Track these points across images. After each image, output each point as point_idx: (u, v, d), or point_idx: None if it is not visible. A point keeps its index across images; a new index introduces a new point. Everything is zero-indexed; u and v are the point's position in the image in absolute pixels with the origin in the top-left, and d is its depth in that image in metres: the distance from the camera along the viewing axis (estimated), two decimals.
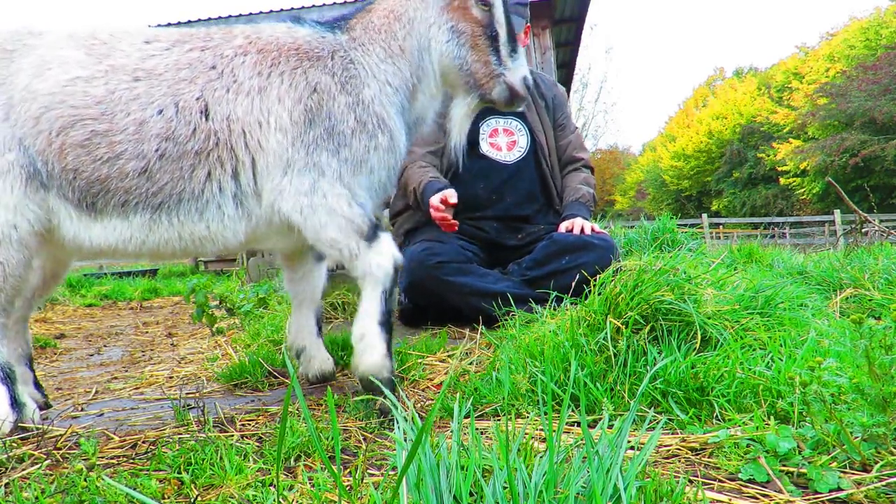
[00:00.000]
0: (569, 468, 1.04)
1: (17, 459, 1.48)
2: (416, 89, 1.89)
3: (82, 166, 1.72)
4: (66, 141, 1.71)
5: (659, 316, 1.81)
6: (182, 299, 6.41)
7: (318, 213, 1.71)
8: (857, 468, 1.21)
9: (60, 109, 1.71)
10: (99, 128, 1.70)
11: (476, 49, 1.87)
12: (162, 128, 1.70)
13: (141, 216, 1.75)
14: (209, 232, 1.78)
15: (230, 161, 1.73)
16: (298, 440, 1.42)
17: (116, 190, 1.73)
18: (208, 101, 1.72)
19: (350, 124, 1.74)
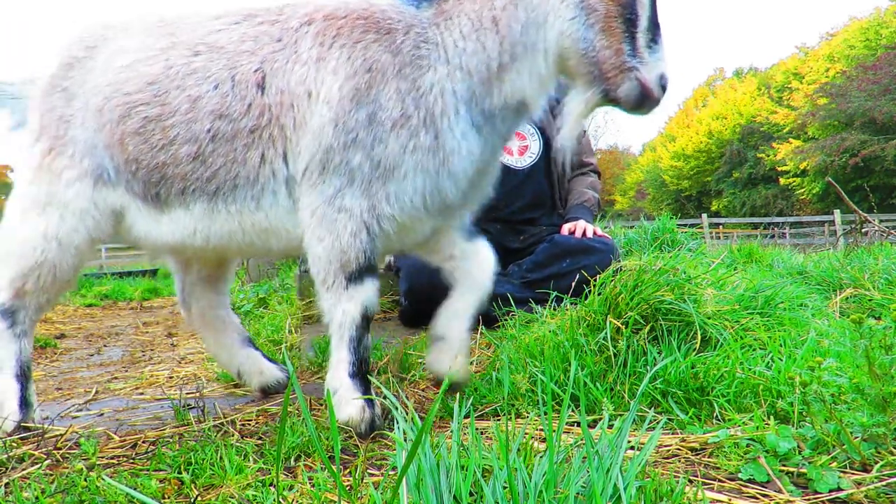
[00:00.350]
0: (569, 468, 1.04)
1: (17, 459, 1.48)
2: (503, 69, 1.57)
3: (142, 155, 1.66)
4: (125, 130, 1.66)
5: (659, 316, 1.81)
6: None
7: (322, 224, 1.58)
8: (857, 468, 1.21)
9: (117, 98, 1.68)
10: (152, 112, 1.64)
11: (608, 33, 1.53)
12: (216, 104, 1.60)
13: (201, 205, 1.67)
14: (269, 223, 1.66)
15: (280, 139, 1.60)
16: (298, 440, 1.42)
17: (174, 177, 1.66)
18: (266, 73, 1.60)
19: (393, 115, 1.54)
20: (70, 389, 2.47)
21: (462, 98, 1.57)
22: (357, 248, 1.57)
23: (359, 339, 1.60)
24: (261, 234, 1.67)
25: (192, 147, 1.62)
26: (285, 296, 3.97)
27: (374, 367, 2.22)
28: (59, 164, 1.74)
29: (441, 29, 1.60)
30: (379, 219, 1.57)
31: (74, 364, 3.15)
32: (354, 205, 1.56)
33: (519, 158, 3.30)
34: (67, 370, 2.97)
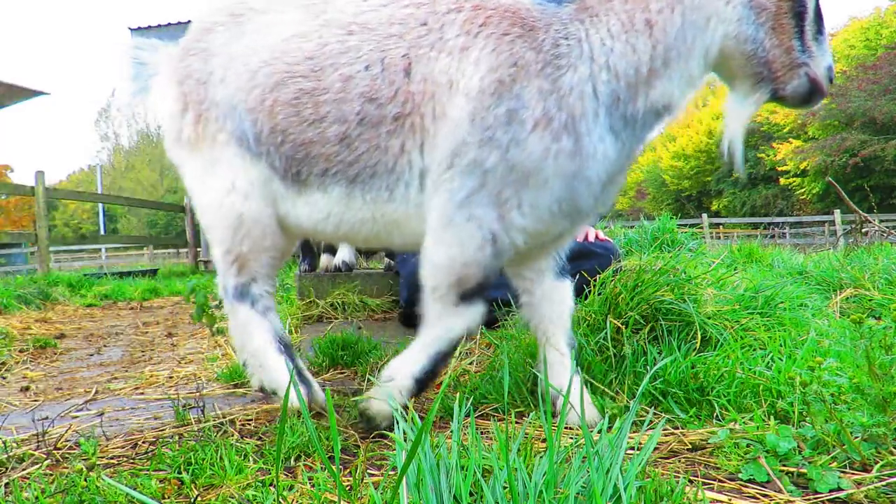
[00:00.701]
0: (569, 468, 1.04)
1: (17, 459, 1.48)
2: (653, 74, 1.49)
3: (290, 127, 1.61)
4: (279, 98, 1.62)
5: (659, 316, 1.81)
6: (182, 299, 6.42)
7: (449, 231, 1.47)
8: (857, 468, 1.21)
9: (276, 65, 1.64)
10: (307, 85, 1.60)
11: (778, 31, 1.47)
12: (366, 86, 1.55)
13: (339, 189, 1.61)
14: (399, 216, 1.59)
15: (420, 130, 1.53)
16: (298, 440, 1.42)
17: (319, 157, 1.61)
18: (412, 60, 1.54)
19: (535, 115, 1.44)
20: (70, 389, 2.47)
21: (603, 101, 1.48)
22: (480, 263, 1.48)
23: (445, 356, 1.53)
24: (388, 225, 1.62)
25: (340, 127, 1.57)
26: (285, 296, 3.98)
27: (374, 367, 2.22)
28: (210, 129, 1.71)
29: (585, 25, 1.50)
30: (508, 230, 1.47)
31: (74, 364, 3.15)
32: (484, 213, 1.46)
33: None
34: (67, 370, 2.97)
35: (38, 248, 8.61)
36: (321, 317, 3.44)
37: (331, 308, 3.48)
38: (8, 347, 3.39)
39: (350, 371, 2.34)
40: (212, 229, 1.76)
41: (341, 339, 2.44)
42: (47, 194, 9.14)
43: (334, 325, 3.19)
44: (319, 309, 3.46)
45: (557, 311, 1.71)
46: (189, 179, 1.81)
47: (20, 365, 3.10)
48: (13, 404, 2.23)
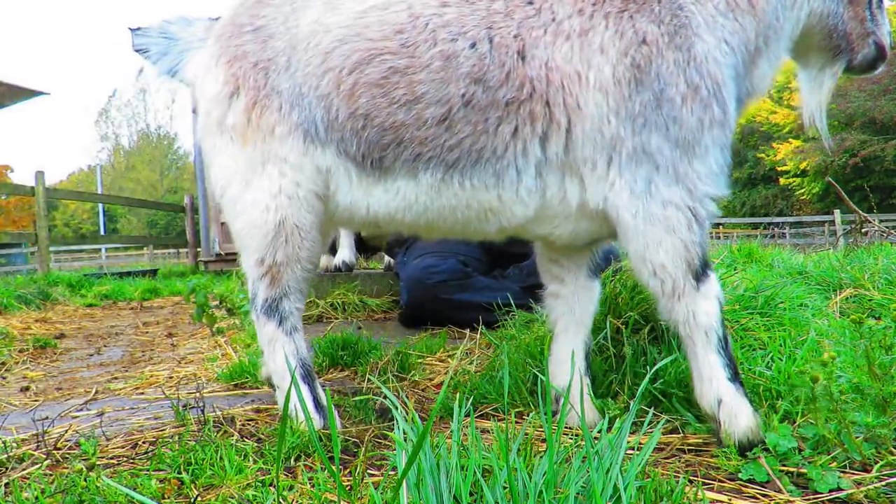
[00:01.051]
0: (569, 468, 1.04)
1: (17, 459, 1.48)
2: (758, 54, 1.48)
3: (375, 110, 1.47)
4: (360, 80, 1.47)
5: (659, 316, 1.81)
6: (182, 299, 6.41)
7: (655, 227, 1.39)
8: (857, 468, 1.21)
9: (356, 42, 1.48)
10: (398, 63, 1.46)
11: (854, 3, 1.52)
12: (473, 66, 1.42)
13: (432, 175, 1.49)
14: (499, 203, 1.49)
15: (543, 119, 1.41)
16: (298, 440, 1.42)
17: (410, 141, 1.47)
18: (525, 42, 1.41)
19: (680, 89, 1.37)
20: (70, 389, 2.47)
21: (730, 74, 1.43)
22: (693, 241, 1.40)
23: (725, 336, 1.41)
24: (484, 213, 1.52)
25: (440, 109, 1.44)
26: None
27: (374, 368, 2.22)
28: (268, 120, 1.55)
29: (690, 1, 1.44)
30: (702, 201, 1.40)
31: (74, 364, 3.15)
32: (674, 193, 1.39)
33: None
34: (67, 370, 2.97)
35: (38, 248, 8.61)
36: (321, 317, 3.44)
37: (331, 308, 3.49)
38: (8, 347, 3.39)
39: (350, 371, 2.34)
40: (245, 234, 1.61)
41: (341, 339, 2.44)
42: (47, 194, 9.15)
43: (334, 325, 3.19)
44: (319, 309, 3.47)
45: (585, 308, 1.69)
46: (222, 173, 1.63)
47: (20, 365, 3.10)
48: (13, 404, 2.23)
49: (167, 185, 42.99)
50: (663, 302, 1.43)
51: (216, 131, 1.63)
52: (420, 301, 2.96)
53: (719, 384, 1.38)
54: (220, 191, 1.65)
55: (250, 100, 1.56)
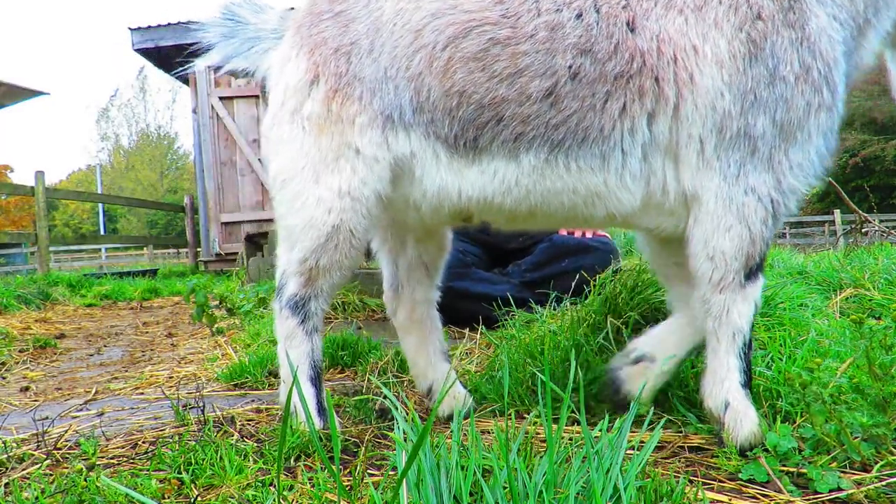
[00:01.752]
0: (569, 468, 1.04)
1: (17, 459, 1.48)
2: (866, 27, 1.41)
3: (473, 86, 1.39)
4: (456, 55, 1.39)
5: (659, 316, 1.81)
6: (182, 299, 6.42)
7: (730, 213, 1.34)
8: (857, 468, 1.21)
9: (451, 16, 1.41)
10: (499, 34, 1.37)
11: None
12: (580, 36, 1.34)
13: (535, 156, 1.40)
14: (605, 188, 1.40)
15: (651, 95, 1.34)
16: (298, 440, 1.42)
17: (512, 118, 1.39)
18: (636, 13, 1.35)
19: (794, 69, 1.31)
20: (70, 389, 2.47)
21: (841, 52, 1.36)
22: (764, 236, 1.36)
23: (750, 342, 1.39)
24: (590, 198, 1.42)
25: (545, 82, 1.35)
26: None
27: (374, 368, 2.22)
28: (350, 110, 1.48)
29: None
30: (785, 195, 1.35)
31: (74, 364, 3.15)
32: (760, 182, 1.34)
33: None
34: (67, 370, 2.97)
35: (38, 248, 8.61)
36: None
37: (331, 308, 3.49)
38: (8, 347, 3.39)
39: (350, 371, 2.34)
40: (297, 230, 1.54)
41: (341, 339, 2.44)
42: (47, 194, 9.15)
43: (334, 325, 3.19)
44: None
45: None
46: (289, 165, 1.55)
47: (20, 365, 3.10)
48: (13, 404, 2.23)
49: (167, 185, 43.00)
50: (704, 290, 1.39)
51: (289, 120, 1.55)
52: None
53: (731, 387, 1.36)
54: (280, 184, 1.57)
55: (331, 88, 1.49)
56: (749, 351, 1.39)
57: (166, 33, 9.87)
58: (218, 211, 9.75)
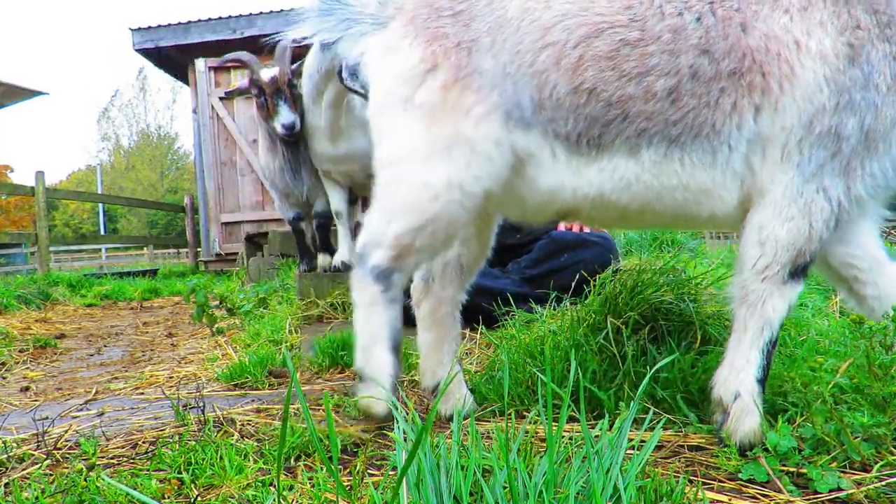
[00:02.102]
0: (569, 468, 1.04)
1: (17, 459, 1.48)
2: None
3: (603, 84, 1.43)
4: (587, 53, 1.44)
5: (659, 316, 1.81)
6: (182, 299, 6.42)
7: (794, 205, 1.38)
8: (857, 468, 1.21)
9: (583, 17, 1.46)
10: (629, 36, 1.43)
11: None
12: (700, 38, 1.41)
13: (654, 151, 1.44)
14: (711, 185, 1.44)
15: (759, 90, 1.40)
16: (298, 440, 1.42)
17: (636, 116, 1.43)
18: (746, 15, 1.42)
19: (886, 79, 1.37)
20: (70, 389, 2.47)
21: None
22: (822, 237, 1.39)
23: (775, 342, 1.41)
24: (698, 195, 1.47)
25: (669, 81, 1.42)
26: (285, 296, 3.98)
27: None
28: (466, 100, 1.49)
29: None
30: (851, 203, 1.38)
31: (74, 364, 3.15)
32: (832, 185, 1.38)
33: None
34: (67, 370, 2.97)
35: (38, 248, 8.61)
36: (321, 317, 3.44)
37: (331, 308, 3.49)
38: (8, 347, 3.39)
39: (350, 371, 2.34)
40: (400, 209, 1.54)
41: (341, 339, 2.44)
42: (47, 194, 9.15)
43: (334, 325, 3.19)
44: (319, 309, 3.47)
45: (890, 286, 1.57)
46: (396, 150, 1.56)
47: (20, 365, 3.10)
48: (13, 404, 2.23)
49: (167, 185, 43.00)
50: (745, 275, 1.42)
51: (399, 108, 1.55)
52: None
53: (746, 378, 1.37)
54: (387, 164, 1.58)
55: (450, 77, 1.51)
56: (772, 350, 1.40)
57: (166, 33, 9.87)
58: (218, 211, 9.75)
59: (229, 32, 9.62)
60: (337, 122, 3.41)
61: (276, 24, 9.44)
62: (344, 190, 3.85)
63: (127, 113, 45.64)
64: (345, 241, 3.84)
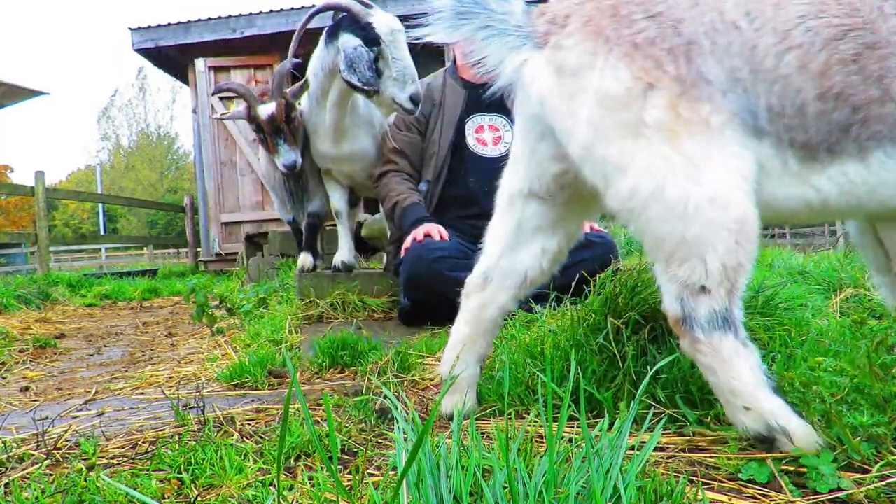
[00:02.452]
0: (569, 468, 1.04)
1: (17, 459, 1.48)
2: None
3: (850, 89, 1.37)
4: (833, 56, 1.36)
5: (659, 316, 1.81)
6: (182, 299, 6.42)
7: None
8: (857, 468, 1.21)
9: (825, 19, 1.38)
10: (867, 38, 1.38)
11: None
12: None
13: (883, 153, 1.39)
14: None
15: None
16: (298, 440, 1.42)
17: (874, 119, 1.37)
18: None
19: None
20: (70, 389, 2.47)
21: None
22: None
23: None
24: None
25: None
26: (285, 296, 3.98)
27: (374, 368, 2.22)
28: (701, 112, 1.36)
29: None
30: None
31: (74, 364, 3.15)
32: None
33: (494, 147, 3.37)
34: (67, 370, 2.97)
35: (38, 248, 8.61)
36: (321, 317, 3.44)
37: (331, 308, 3.49)
38: (8, 347, 3.39)
39: (350, 371, 2.34)
40: (705, 238, 1.34)
41: (341, 339, 2.44)
42: (47, 194, 9.15)
43: (334, 325, 3.19)
44: (319, 309, 3.47)
45: None
46: (650, 176, 1.36)
47: (20, 365, 3.10)
48: (13, 404, 2.23)
49: (167, 185, 42.98)
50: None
51: (628, 134, 1.39)
52: (418, 275, 2.95)
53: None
54: (648, 198, 1.36)
55: (674, 92, 1.37)
56: None
57: (166, 33, 9.86)
58: (218, 211, 9.76)
59: (229, 32, 9.62)
60: (341, 122, 3.40)
61: (276, 24, 9.45)
62: (345, 189, 3.85)
63: (127, 113, 45.63)
64: (345, 241, 3.84)
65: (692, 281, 1.35)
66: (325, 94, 3.31)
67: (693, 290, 1.36)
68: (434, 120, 3.39)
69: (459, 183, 3.30)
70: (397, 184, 3.32)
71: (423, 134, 3.43)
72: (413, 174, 3.41)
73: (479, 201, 3.25)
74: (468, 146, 3.31)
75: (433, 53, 8.84)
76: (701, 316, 1.35)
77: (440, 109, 3.39)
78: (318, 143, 3.58)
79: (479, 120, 3.36)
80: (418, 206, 3.20)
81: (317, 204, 3.99)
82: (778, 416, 1.30)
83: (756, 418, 1.31)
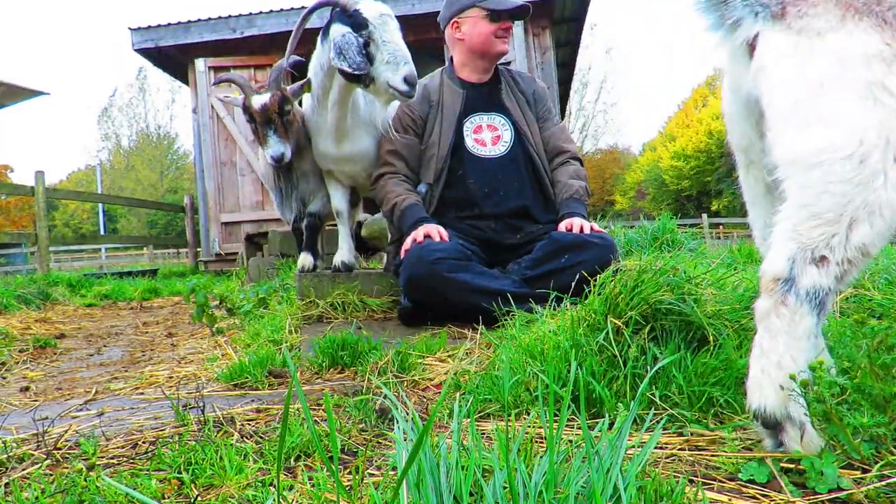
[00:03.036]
0: (569, 468, 1.04)
1: (17, 459, 1.48)
2: None
3: None
4: None
5: (659, 316, 1.81)
6: (182, 299, 6.42)
7: None
8: (857, 468, 1.21)
9: None
10: None
11: None
12: None
13: None
14: None
15: None
16: (298, 440, 1.42)
17: None
18: None
19: None
20: (70, 389, 2.47)
21: None
22: None
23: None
24: None
25: None
26: (285, 296, 3.98)
27: (374, 368, 2.22)
28: None
29: None
30: None
31: (74, 364, 3.15)
32: None
33: (493, 147, 3.37)
34: (67, 370, 2.97)
35: (38, 248, 8.61)
36: (321, 317, 3.44)
37: (331, 308, 3.49)
38: (8, 347, 3.39)
39: (350, 371, 2.34)
40: (861, 205, 1.27)
41: (341, 339, 2.44)
42: (47, 194, 9.15)
43: (334, 325, 3.19)
44: (319, 309, 3.47)
45: None
46: (856, 138, 1.29)
47: (20, 365, 3.10)
48: (13, 404, 2.23)
49: (167, 185, 42.97)
50: None
51: (860, 92, 1.31)
52: (418, 276, 2.94)
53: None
54: (843, 160, 1.29)
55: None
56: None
57: (166, 33, 9.87)
58: (218, 211, 9.76)
59: (229, 32, 9.62)
60: (342, 122, 3.39)
61: (276, 24, 9.45)
62: (346, 190, 3.85)
63: (127, 113, 45.64)
64: (345, 242, 3.84)
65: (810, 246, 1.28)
66: (326, 94, 3.31)
67: (812, 259, 1.29)
68: (432, 121, 3.38)
69: (459, 184, 3.30)
70: (395, 185, 3.31)
71: (420, 136, 3.41)
72: (410, 176, 3.40)
73: (479, 202, 3.25)
74: (467, 147, 3.31)
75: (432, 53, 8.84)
76: (804, 283, 1.28)
77: (438, 110, 3.38)
78: (320, 144, 3.58)
79: (478, 119, 3.35)
80: (417, 207, 3.19)
81: (317, 204, 3.98)
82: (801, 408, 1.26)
83: (782, 402, 1.27)
